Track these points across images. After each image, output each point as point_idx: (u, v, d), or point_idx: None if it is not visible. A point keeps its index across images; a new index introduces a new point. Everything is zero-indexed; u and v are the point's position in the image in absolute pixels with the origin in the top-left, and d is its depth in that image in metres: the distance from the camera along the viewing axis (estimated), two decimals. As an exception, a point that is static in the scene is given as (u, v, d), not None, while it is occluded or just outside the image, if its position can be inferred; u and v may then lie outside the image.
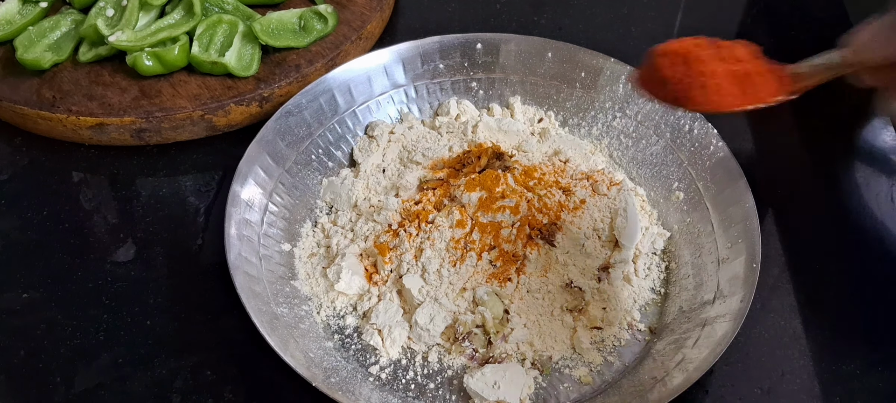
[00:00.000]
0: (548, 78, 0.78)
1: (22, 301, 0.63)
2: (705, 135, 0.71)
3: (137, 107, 0.73)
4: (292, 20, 0.82)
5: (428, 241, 0.63)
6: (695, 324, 0.61)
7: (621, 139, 0.75)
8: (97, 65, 0.77)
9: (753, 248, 0.62)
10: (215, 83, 0.76)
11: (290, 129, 0.71)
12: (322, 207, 0.70)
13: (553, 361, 0.61)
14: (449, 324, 0.61)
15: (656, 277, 0.67)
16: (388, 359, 0.61)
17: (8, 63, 0.77)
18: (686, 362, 0.57)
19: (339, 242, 0.66)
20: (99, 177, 0.73)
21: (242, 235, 0.63)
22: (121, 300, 0.64)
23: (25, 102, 0.73)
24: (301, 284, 0.64)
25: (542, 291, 0.63)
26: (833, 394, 0.60)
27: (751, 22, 0.93)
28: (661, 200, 0.71)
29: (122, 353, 0.60)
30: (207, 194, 0.72)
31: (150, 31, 0.77)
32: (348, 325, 0.63)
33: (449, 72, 0.78)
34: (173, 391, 0.59)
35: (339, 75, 0.74)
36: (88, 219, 0.70)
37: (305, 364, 0.56)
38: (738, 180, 0.67)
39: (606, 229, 0.66)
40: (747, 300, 0.59)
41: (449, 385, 0.60)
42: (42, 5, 0.81)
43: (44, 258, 0.66)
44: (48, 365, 0.60)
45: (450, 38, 0.78)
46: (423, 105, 0.78)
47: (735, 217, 0.65)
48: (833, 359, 0.62)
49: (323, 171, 0.72)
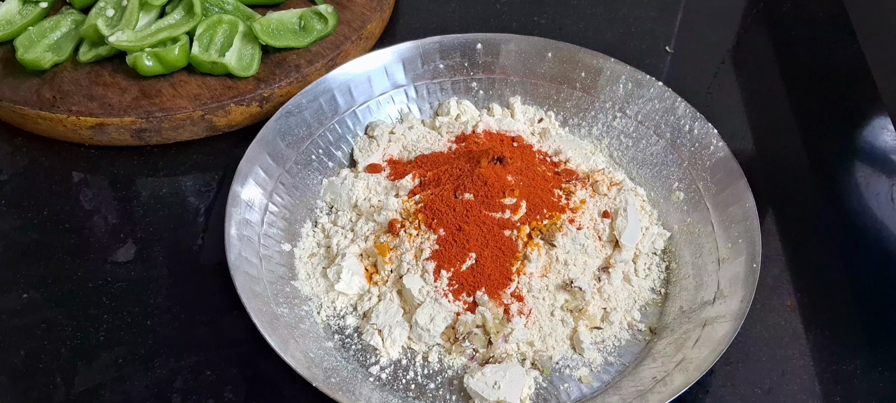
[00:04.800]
0: (548, 78, 0.78)
1: (22, 301, 0.63)
2: (705, 135, 0.71)
3: (137, 107, 0.73)
4: (292, 20, 0.82)
5: (427, 242, 0.63)
6: (695, 324, 0.61)
7: (621, 139, 0.75)
8: (97, 65, 0.77)
9: (753, 248, 0.62)
10: (215, 83, 0.76)
11: (291, 129, 0.71)
12: (322, 207, 0.70)
13: (553, 361, 0.61)
14: (449, 324, 0.61)
15: (656, 277, 0.67)
16: (389, 359, 0.61)
17: (8, 63, 0.77)
18: (686, 362, 0.57)
19: (340, 242, 0.66)
20: (99, 177, 0.73)
21: (242, 235, 0.63)
22: (121, 300, 0.64)
23: (26, 102, 0.73)
24: (301, 284, 0.64)
25: (543, 291, 0.63)
26: (833, 394, 0.60)
27: (751, 22, 0.93)
28: (661, 200, 0.71)
29: (122, 353, 0.60)
30: (207, 194, 0.72)
31: (151, 32, 0.77)
32: (348, 325, 0.63)
33: (449, 72, 0.78)
34: (173, 391, 0.59)
35: (340, 75, 0.74)
36: (88, 219, 0.70)
37: (305, 364, 0.56)
38: (738, 180, 0.67)
39: (606, 229, 0.66)
40: (747, 300, 0.59)
41: (449, 386, 0.60)
42: (42, 5, 0.81)
43: (44, 258, 0.66)
44: (48, 365, 0.60)
45: (450, 38, 0.78)
46: (423, 105, 0.78)
47: (735, 217, 0.65)
48: (833, 359, 0.62)
49: (323, 171, 0.72)
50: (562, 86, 0.77)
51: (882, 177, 0.77)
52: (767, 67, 0.87)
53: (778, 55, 0.89)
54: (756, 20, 0.93)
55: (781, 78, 0.85)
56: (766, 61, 0.88)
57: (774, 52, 0.89)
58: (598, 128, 0.76)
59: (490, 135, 0.74)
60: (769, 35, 0.92)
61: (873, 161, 0.79)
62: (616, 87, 0.76)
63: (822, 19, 0.93)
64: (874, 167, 0.78)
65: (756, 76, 0.86)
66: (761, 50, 0.90)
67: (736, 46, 0.90)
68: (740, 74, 0.86)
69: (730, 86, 0.85)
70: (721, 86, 0.85)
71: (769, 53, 0.89)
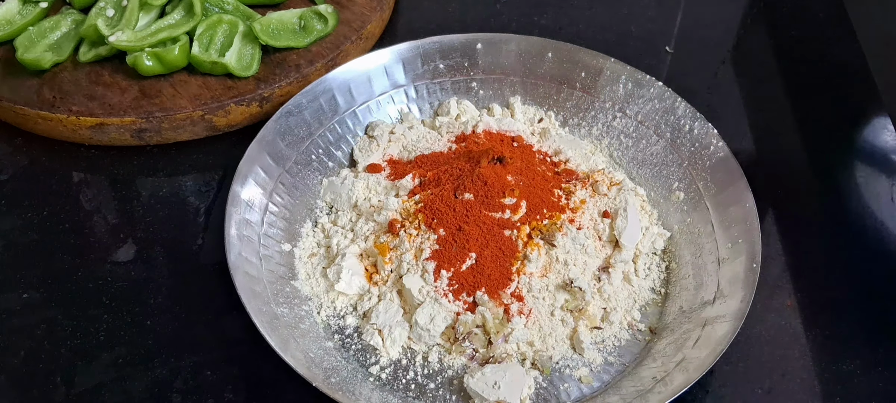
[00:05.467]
0: (548, 78, 0.78)
1: (22, 301, 0.63)
2: (705, 135, 0.71)
3: (137, 107, 0.73)
4: (292, 20, 0.82)
5: (427, 242, 0.63)
6: (695, 324, 0.61)
7: (621, 139, 0.75)
8: (97, 65, 0.77)
9: (753, 248, 0.62)
10: (215, 83, 0.76)
11: (291, 129, 0.71)
12: (322, 207, 0.70)
13: (553, 361, 0.61)
14: (449, 324, 0.61)
15: (656, 277, 0.67)
16: (389, 359, 0.61)
17: (8, 63, 0.77)
18: (686, 362, 0.57)
19: (339, 242, 0.66)
20: (99, 177, 0.73)
21: (242, 235, 0.63)
22: (121, 300, 0.64)
23: (26, 102, 0.73)
24: (301, 284, 0.64)
25: (543, 291, 0.63)
26: (833, 394, 0.61)
27: (751, 22, 0.93)
28: (661, 200, 0.71)
29: (122, 353, 0.60)
30: (207, 194, 0.72)
31: (151, 32, 0.77)
32: (348, 325, 0.63)
33: (449, 72, 0.78)
34: (173, 391, 0.59)
35: (340, 75, 0.74)
36: (88, 219, 0.70)
37: (305, 364, 0.56)
38: (738, 180, 0.67)
39: (606, 229, 0.66)
40: (747, 300, 0.59)
41: (449, 385, 0.60)
42: (42, 5, 0.81)
43: (44, 258, 0.66)
44: (48, 365, 0.60)
45: (450, 38, 0.78)
46: (423, 105, 0.78)
47: (735, 217, 0.65)
48: (833, 359, 0.62)
49: (323, 171, 0.72)
50: (562, 86, 0.77)
51: (882, 177, 0.77)
52: (767, 67, 0.87)
53: (778, 55, 0.89)
54: (756, 20, 0.93)
55: (781, 78, 0.85)
56: (766, 61, 0.88)
57: (774, 52, 0.89)
58: (598, 128, 0.76)
59: (490, 135, 0.74)
60: (769, 35, 0.92)
61: (873, 161, 0.79)
62: (616, 87, 0.76)
63: (822, 19, 0.93)
64: (874, 167, 0.78)
65: (756, 76, 0.86)
66: (761, 50, 0.90)
67: (736, 46, 0.90)
68: (740, 74, 0.86)
69: (730, 86, 0.85)
70: (721, 86, 0.85)
71: (769, 53, 0.89)
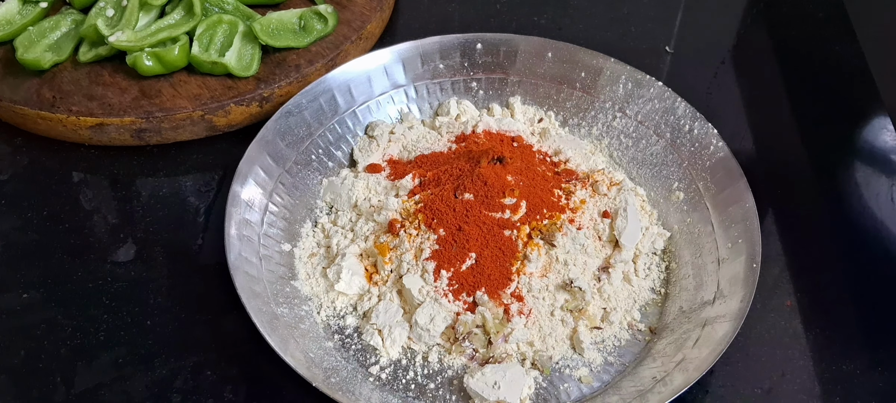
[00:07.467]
0: (548, 78, 0.78)
1: (22, 301, 0.63)
2: (705, 135, 0.71)
3: (137, 107, 0.73)
4: (292, 20, 0.82)
5: (427, 242, 0.63)
6: (695, 324, 0.61)
7: (621, 139, 0.75)
8: (97, 65, 0.77)
9: (753, 248, 0.62)
10: (215, 83, 0.76)
11: (291, 129, 0.71)
12: (322, 207, 0.70)
13: (553, 361, 0.61)
14: (449, 324, 0.61)
15: (656, 277, 0.67)
16: (389, 359, 0.61)
17: (8, 63, 0.77)
18: (686, 362, 0.57)
19: (339, 242, 0.66)
20: (99, 177, 0.73)
21: (242, 235, 0.63)
22: (121, 300, 0.64)
23: (25, 102, 0.73)
24: (301, 284, 0.64)
25: (542, 291, 0.63)
26: (833, 394, 0.60)
27: (751, 22, 0.93)
28: (661, 200, 0.71)
29: (122, 353, 0.60)
30: (207, 194, 0.72)
31: (150, 32, 0.77)
32: (348, 325, 0.63)
33: (449, 72, 0.78)
34: (173, 391, 0.59)
35: (339, 75, 0.74)
36: (88, 219, 0.70)
37: (305, 364, 0.56)
38: (738, 180, 0.67)
39: (606, 229, 0.66)
40: (747, 300, 0.59)
41: (449, 386, 0.60)
42: (42, 5, 0.81)
43: (44, 258, 0.66)
44: (48, 365, 0.60)
45: (450, 38, 0.78)
46: (423, 105, 0.78)
47: (735, 217, 0.65)
48: (833, 359, 0.62)
49: (323, 171, 0.72)
50: (562, 86, 0.77)
51: (882, 177, 0.77)
52: (767, 67, 0.87)
53: (778, 55, 0.89)
54: (756, 20, 0.93)
55: (781, 78, 0.85)
56: (766, 61, 0.88)
57: (774, 52, 0.89)
58: (598, 128, 0.76)
59: (490, 135, 0.74)
60: (769, 35, 0.92)
61: (873, 161, 0.79)
62: (616, 87, 0.76)
63: (822, 19, 0.93)
64: (874, 167, 0.78)
65: (756, 76, 0.86)
66: (761, 50, 0.90)
67: (736, 46, 0.90)
68: (740, 74, 0.86)
69: (730, 86, 0.85)
70: (721, 86, 0.85)
71: (769, 53, 0.89)
